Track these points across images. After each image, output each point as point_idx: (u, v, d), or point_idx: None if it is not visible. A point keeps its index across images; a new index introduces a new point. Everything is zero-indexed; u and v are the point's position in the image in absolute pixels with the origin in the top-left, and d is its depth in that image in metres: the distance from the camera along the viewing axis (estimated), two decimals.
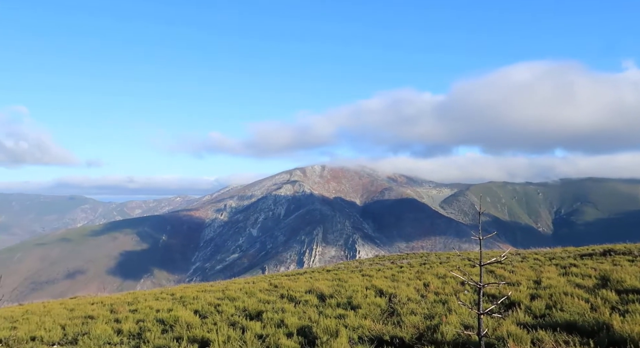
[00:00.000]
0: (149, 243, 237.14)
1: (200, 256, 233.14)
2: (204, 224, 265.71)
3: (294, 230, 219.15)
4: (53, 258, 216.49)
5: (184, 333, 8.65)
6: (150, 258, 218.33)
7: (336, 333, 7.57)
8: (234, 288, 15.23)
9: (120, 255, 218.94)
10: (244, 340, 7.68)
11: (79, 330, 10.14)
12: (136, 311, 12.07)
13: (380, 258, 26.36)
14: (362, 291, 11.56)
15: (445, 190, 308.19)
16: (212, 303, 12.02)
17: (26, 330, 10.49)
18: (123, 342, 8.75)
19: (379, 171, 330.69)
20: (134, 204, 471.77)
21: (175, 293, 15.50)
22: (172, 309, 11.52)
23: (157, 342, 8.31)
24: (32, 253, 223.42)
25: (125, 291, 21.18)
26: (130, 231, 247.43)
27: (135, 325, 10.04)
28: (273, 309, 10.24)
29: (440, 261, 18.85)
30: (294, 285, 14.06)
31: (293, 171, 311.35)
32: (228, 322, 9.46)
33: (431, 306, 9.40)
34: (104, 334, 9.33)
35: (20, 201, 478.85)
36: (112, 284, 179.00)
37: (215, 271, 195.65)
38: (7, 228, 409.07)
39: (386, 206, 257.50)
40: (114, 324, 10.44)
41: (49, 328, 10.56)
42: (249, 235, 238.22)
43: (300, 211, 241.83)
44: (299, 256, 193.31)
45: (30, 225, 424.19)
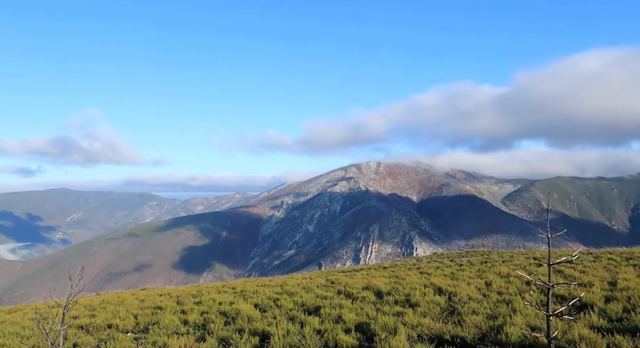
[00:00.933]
0: (210, 238, 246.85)
1: (258, 252, 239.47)
2: (262, 220, 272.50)
3: (349, 227, 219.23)
4: (124, 252, 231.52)
5: (245, 325, 8.93)
6: (211, 253, 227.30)
7: (395, 330, 7.49)
8: (291, 283, 15.50)
9: (183, 249, 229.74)
10: (302, 334, 7.80)
11: (150, 319, 10.78)
12: (200, 303, 12.61)
13: (438, 256, 25.72)
14: (421, 289, 11.35)
15: (507, 186, 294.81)
16: (271, 297, 12.31)
17: (103, 318, 11.30)
18: (189, 332, 9.18)
19: (436, 166, 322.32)
20: (196, 201, 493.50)
21: (236, 287, 16.02)
22: (233, 302, 11.93)
23: (221, 333, 8.65)
24: (106, 247, 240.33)
25: (189, 284, 22.17)
26: (192, 227, 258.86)
27: (200, 316, 10.50)
28: (330, 305, 10.31)
29: (503, 260, 18.07)
30: (350, 282, 14.07)
31: (348, 167, 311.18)
32: (287, 316, 9.65)
33: (494, 306, 9.05)
34: (172, 324, 9.85)
35: (95, 198, 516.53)
36: (177, 277, 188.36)
37: (272, 267, 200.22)
38: (85, 223, 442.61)
39: (444, 203, 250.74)
40: (180, 315, 10.99)
41: (123, 317, 11.31)
42: (305, 232, 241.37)
43: (355, 208, 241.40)
44: (355, 253, 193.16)
45: (105, 220, 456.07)
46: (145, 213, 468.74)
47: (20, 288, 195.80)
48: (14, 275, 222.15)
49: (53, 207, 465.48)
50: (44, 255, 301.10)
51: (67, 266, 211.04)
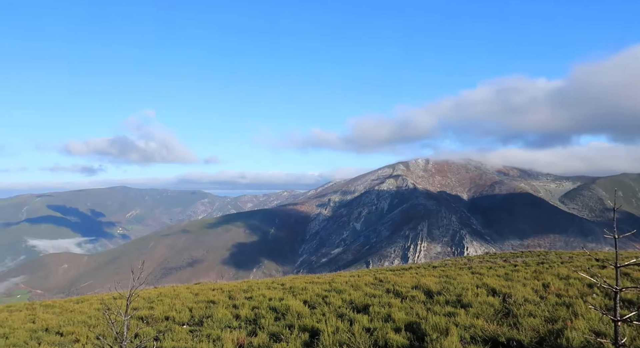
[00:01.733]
0: (259, 235, 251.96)
1: (306, 249, 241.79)
2: (310, 218, 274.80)
3: (397, 225, 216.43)
4: (179, 247, 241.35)
5: (295, 321, 9.06)
6: (260, 249, 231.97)
7: (446, 331, 7.32)
8: (340, 281, 15.53)
9: (232, 246, 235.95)
10: (352, 332, 7.80)
11: (204, 313, 11.18)
12: (251, 298, 12.92)
13: (491, 256, 24.84)
14: (473, 289, 11.02)
15: (566, 183, 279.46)
16: (320, 294, 12.40)
17: (161, 311, 11.85)
18: (241, 327, 9.44)
19: (488, 163, 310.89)
20: (246, 198, 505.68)
21: (285, 284, 16.26)
22: (283, 298, 12.13)
23: (271, 328, 8.82)
24: (162, 242, 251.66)
25: (239, 280, 22.73)
26: (242, 223, 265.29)
27: (251, 311, 10.77)
28: (379, 303, 10.24)
29: (562, 261, 17.18)
30: (399, 280, 13.90)
31: (396, 165, 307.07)
32: (336, 313, 9.69)
33: (553, 309, 8.62)
34: (225, 318, 10.17)
35: (151, 195, 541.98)
36: (228, 273, 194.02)
37: (320, 264, 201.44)
38: (142, 220, 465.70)
39: (497, 201, 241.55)
40: (232, 309, 11.32)
41: (178, 309, 11.81)
42: (352, 229, 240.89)
43: (404, 206, 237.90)
44: (403, 252, 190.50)
45: (160, 216, 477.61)
46: (197, 210, 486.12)
47: (86, 280, 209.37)
48: (80, 267, 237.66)
49: (114, 204, 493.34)
50: (106, 249, 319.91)
51: (127, 260, 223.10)
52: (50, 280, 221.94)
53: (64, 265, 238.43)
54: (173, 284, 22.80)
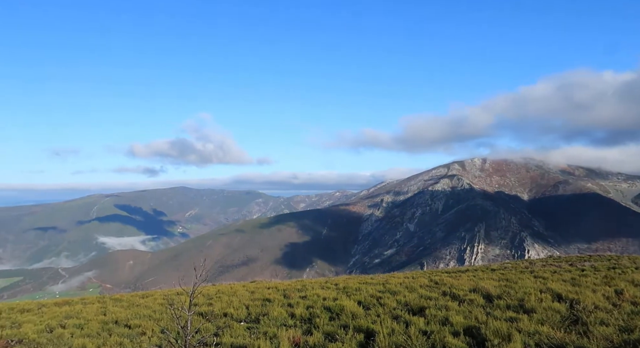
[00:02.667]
0: (311, 235, 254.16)
1: (359, 250, 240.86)
2: (362, 218, 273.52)
3: (453, 226, 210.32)
4: (234, 246, 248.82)
5: (350, 322, 9.05)
6: (313, 249, 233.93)
7: (508, 337, 7.02)
8: (393, 282, 15.33)
9: (285, 245, 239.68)
10: (408, 334, 7.67)
11: (260, 311, 11.44)
12: (305, 297, 13.06)
13: (555, 259, 23.51)
14: (536, 294, 10.48)
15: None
16: (374, 295, 12.30)
17: (219, 307, 12.27)
18: (297, 325, 9.57)
19: (550, 162, 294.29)
20: (299, 198, 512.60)
21: (339, 284, 16.28)
22: (337, 298, 12.15)
23: (326, 328, 8.87)
24: (219, 241, 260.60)
25: (293, 279, 23.03)
26: (294, 223, 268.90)
27: (306, 310, 10.88)
28: (436, 306, 10.00)
29: (636, 267, 15.95)
30: (456, 283, 13.51)
31: (450, 164, 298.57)
32: (391, 315, 9.58)
33: (628, 317, 8.01)
34: (280, 316, 10.36)
35: (209, 195, 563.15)
36: (281, 272, 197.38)
37: (373, 265, 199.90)
38: (200, 219, 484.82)
39: (561, 202, 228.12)
40: (287, 308, 11.50)
41: (236, 306, 12.17)
42: (405, 230, 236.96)
43: (459, 207, 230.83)
44: (459, 254, 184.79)
45: (217, 216, 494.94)
46: (252, 210, 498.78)
47: (150, 276, 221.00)
48: (145, 263, 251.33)
49: (174, 204, 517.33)
50: (167, 247, 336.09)
51: (186, 257, 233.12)
52: (118, 275, 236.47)
53: (130, 261, 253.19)
54: (229, 282, 23.51)
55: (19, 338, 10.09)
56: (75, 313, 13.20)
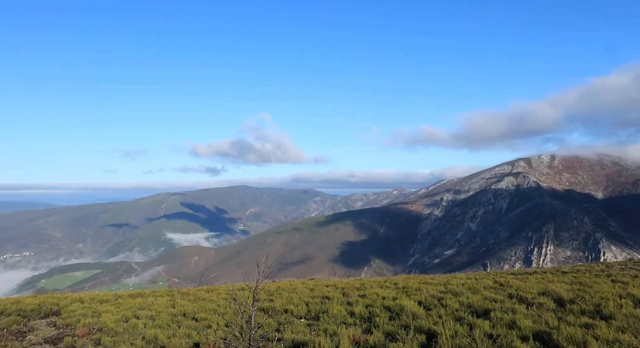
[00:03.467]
0: (368, 234, 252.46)
1: (418, 249, 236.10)
2: (421, 217, 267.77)
3: (518, 226, 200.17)
4: (293, 244, 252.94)
5: (410, 322, 8.90)
6: (370, 248, 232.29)
7: (584, 344, 6.58)
8: (455, 283, 14.89)
9: (342, 244, 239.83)
10: (472, 337, 7.42)
11: (319, 308, 11.56)
12: (364, 296, 13.01)
13: (635, 263, 21.67)
14: (615, 299, 9.73)
15: None
16: (435, 295, 12.01)
17: (280, 304, 12.54)
18: (356, 324, 9.57)
19: (628, 158, 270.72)
20: (356, 197, 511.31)
21: (398, 283, 16.07)
22: (396, 298, 12.00)
23: (386, 327, 8.79)
24: (278, 239, 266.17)
25: (351, 278, 23.03)
26: (352, 222, 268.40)
27: (365, 309, 10.84)
28: (501, 309, 9.58)
29: None
30: (523, 285, 12.86)
31: (515, 162, 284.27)
32: (453, 316, 9.30)
33: None
34: (340, 314, 10.40)
35: (268, 194, 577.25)
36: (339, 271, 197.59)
37: (433, 265, 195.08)
38: (260, 217, 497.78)
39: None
40: (346, 306, 11.52)
41: (296, 303, 12.38)
42: (467, 230, 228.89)
43: (525, 206, 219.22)
44: (525, 255, 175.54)
45: (276, 214, 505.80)
46: (310, 208, 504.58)
47: (214, 271, 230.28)
48: (209, 259, 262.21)
49: (235, 202, 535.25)
50: (229, 244, 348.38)
51: (247, 254, 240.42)
52: (184, 269, 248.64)
53: (195, 257, 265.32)
54: (288, 279, 23.94)
55: (99, 327, 10.91)
56: (148, 305, 14.06)
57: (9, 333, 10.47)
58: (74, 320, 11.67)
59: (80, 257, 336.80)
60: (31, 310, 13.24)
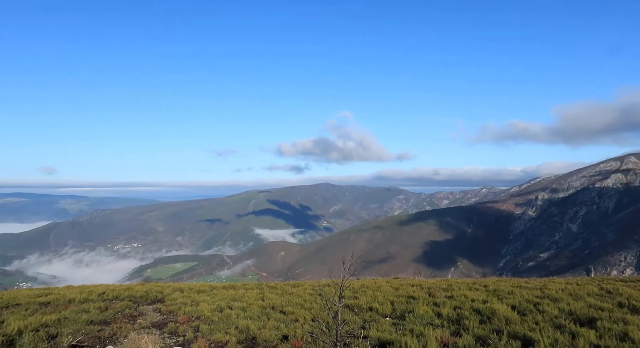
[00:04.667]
0: (454, 233, 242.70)
1: (509, 251, 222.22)
2: (513, 217, 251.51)
3: (629, 228, 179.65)
4: (376, 242, 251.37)
5: (503, 327, 8.43)
6: (456, 248, 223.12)
7: None
8: (553, 287, 13.80)
9: (425, 243, 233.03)
10: (575, 346, 6.84)
11: (405, 307, 11.40)
12: (452, 297, 12.57)
13: None
14: None
15: None
16: (530, 300, 11.25)
17: (364, 301, 12.57)
18: (444, 325, 9.28)
19: None
20: (441, 195, 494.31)
21: (488, 285, 15.30)
22: (487, 301, 11.44)
23: (476, 331, 8.41)
24: (361, 237, 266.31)
25: (436, 278, 22.36)
26: (436, 221, 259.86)
27: (453, 311, 10.48)
28: (610, 318, 8.70)
29: None
30: (636, 294, 11.55)
31: (624, 157, 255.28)
32: (552, 323, 8.65)
33: None
34: (426, 315, 10.16)
35: (351, 192, 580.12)
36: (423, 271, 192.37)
37: (526, 268, 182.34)
38: (343, 214, 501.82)
39: None
40: (433, 307, 11.22)
41: (381, 302, 12.32)
42: (566, 231, 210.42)
43: (637, 206, 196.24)
44: (638, 260, 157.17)
45: (359, 212, 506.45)
46: (394, 206, 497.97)
47: (299, 267, 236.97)
48: (294, 255, 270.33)
49: (319, 199, 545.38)
50: (313, 241, 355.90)
51: (331, 251, 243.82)
52: (272, 264, 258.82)
53: (282, 253, 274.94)
54: (371, 277, 23.86)
55: (197, 315, 11.80)
56: (239, 296, 14.88)
57: (123, 316, 11.71)
58: (175, 308, 12.74)
59: (180, 249, 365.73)
60: (140, 297, 14.68)
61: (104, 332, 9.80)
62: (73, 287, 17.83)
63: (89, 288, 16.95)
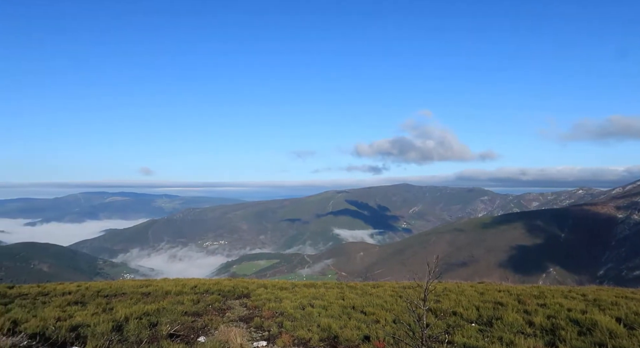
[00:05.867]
0: (544, 238, 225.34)
1: (611, 258, 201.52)
2: (615, 220, 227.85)
3: None
4: (458, 245, 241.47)
5: (607, 340, 7.70)
6: (547, 254, 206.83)
7: None
8: None
9: (512, 247, 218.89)
10: None
11: (492, 314, 10.85)
12: (545, 306, 11.74)
13: None
14: None
15: None
16: (638, 312, 10.15)
17: (447, 305, 12.16)
18: (536, 335, 8.70)
19: None
20: (530, 196, 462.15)
21: (587, 295, 14.08)
22: (586, 311, 10.53)
23: (575, 343, 7.79)
24: (442, 238, 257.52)
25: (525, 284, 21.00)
26: (522, 224, 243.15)
27: (547, 320, 9.78)
28: None
29: None
30: None
31: None
32: None
33: None
34: (516, 323, 9.58)
35: (431, 192, 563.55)
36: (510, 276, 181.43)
37: (632, 277, 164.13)
38: (423, 215, 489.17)
39: None
40: (523, 315, 10.56)
41: (465, 307, 11.84)
42: None
43: None
44: None
45: (440, 213, 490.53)
46: (477, 208, 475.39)
47: (378, 268, 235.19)
48: (373, 256, 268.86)
49: (398, 200, 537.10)
50: (392, 241, 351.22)
51: (411, 252, 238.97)
52: (351, 264, 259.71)
53: (361, 253, 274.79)
54: (453, 280, 22.98)
55: (280, 311, 12.22)
56: (320, 295, 15.15)
57: (213, 309, 12.50)
58: (260, 303, 13.31)
59: (262, 247, 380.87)
60: (227, 291, 15.54)
61: (197, 323, 10.54)
62: (169, 280, 19.37)
63: (182, 281, 18.30)
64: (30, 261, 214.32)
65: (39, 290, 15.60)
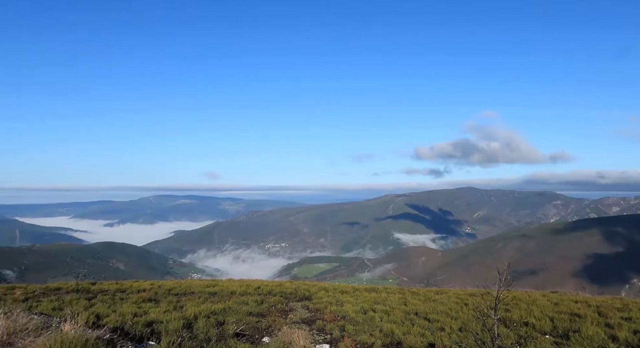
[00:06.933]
0: (625, 246, 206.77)
1: None
2: None
3: None
4: (527, 251, 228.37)
5: None
6: (629, 263, 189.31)
7: None
8: None
9: (587, 256, 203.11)
10: None
11: (568, 326, 10.14)
12: (630, 319, 10.80)
13: None
14: None
15: None
16: None
17: (518, 315, 11.54)
18: None
19: None
20: (609, 201, 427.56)
21: None
22: None
23: None
24: (510, 244, 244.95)
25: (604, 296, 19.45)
26: (599, 231, 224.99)
27: (633, 335, 8.98)
28: None
29: None
30: None
31: None
32: None
33: None
34: (597, 337, 8.89)
35: (497, 196, 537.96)
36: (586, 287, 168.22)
37: None
38: (488, 220, 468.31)
39: None
40: (605, 328, 9.79)
41: (538, 317, 11.17)
42: None
43: None
44: None
45: (507, 218, 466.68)
46: (549, 213, 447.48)
47: (441, 273, 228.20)
48: (435, 261, 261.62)
49: (461, 204, 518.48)
50: (456, 247, 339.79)
51: (476, 258, 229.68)
52: (412, 269, 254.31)
53: (422, 258, 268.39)
54: (522, 289, 21.76)
55: (342, 315, 12.21)
56: (382, 300, 14.96)
57: (276, 310, 12.75)
58: (321, 306, 13.38)
59: (322, 250, 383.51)
60: (289, 293, 15.79)
61: (261, 324, 10.80)
62: (234, 280, 20.05)
63: (246, 282, 18.86)
64: (109, 259, 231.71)
65: (117, 287, 16.80)
